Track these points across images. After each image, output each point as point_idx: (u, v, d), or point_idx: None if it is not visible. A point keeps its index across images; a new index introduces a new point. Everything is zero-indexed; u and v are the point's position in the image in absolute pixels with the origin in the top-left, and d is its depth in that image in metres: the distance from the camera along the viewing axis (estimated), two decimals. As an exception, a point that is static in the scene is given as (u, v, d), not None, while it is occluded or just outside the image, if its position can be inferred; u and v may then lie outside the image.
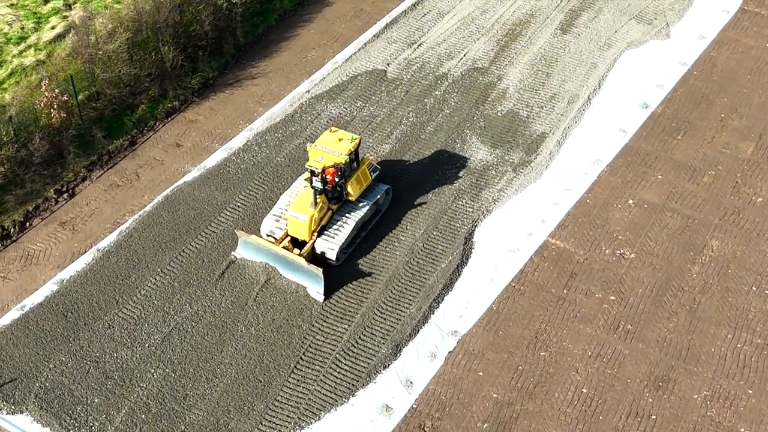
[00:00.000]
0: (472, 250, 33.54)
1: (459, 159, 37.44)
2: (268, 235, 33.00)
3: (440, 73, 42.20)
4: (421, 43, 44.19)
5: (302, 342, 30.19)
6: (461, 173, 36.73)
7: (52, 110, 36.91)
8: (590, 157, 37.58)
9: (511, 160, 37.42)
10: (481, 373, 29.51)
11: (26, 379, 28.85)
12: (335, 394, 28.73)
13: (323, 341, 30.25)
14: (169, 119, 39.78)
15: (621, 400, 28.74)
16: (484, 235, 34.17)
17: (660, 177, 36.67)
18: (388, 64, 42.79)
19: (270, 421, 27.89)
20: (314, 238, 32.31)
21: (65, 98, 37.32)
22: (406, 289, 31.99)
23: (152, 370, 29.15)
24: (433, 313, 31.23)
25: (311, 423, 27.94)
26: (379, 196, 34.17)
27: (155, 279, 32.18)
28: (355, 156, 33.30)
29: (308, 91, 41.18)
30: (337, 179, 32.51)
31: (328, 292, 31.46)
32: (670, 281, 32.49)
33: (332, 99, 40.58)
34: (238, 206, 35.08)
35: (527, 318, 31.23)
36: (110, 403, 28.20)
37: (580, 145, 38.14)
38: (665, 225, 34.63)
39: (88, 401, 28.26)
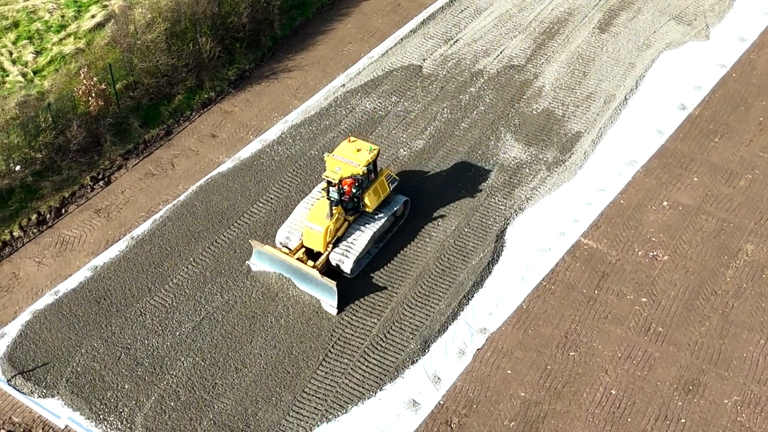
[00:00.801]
0: (504, 248, 33.43)
1: (493, 156, 37.34)
2: (282, 245, 32.53)
3: (476, 69, 42.09)
4: (457, 40, 44.10)
5: (331, 335, 30.28)
6: (494, 171, 36.62)
7: (90, 98, 37.30)
8: (625, 157, 37.31)
9: (545, 159, 37.25)
10: (509, 372, 29.43)
11: (58, 363, 29.19)
12: (363, 387, 28.79)
13: (352, 334, 30.31)
14: (205, 110, 40.04)
15: (650, 403, 28.54)
16: (516, 233, 34.06)
17: (696, 179, 36.34)
18: (423, 60, 42.75)
19: (297, 413, 28.01)
20: (329, 249, 31.61)
21: (103, 87, 37.70)
22: (436, 285, 31.97)
23: (182, 358, 29.39)
24: (462, 310, 31.18)
25: (338, 415, 28.02)
26: (396, 208, 33.36)
27: (187, 268, 32.42)
28: (373, 167, 32.54)
29: (343, 85, 41.25)
30: (354, 190, 31.80)
31: (343, 303, 30.99)
32: (703, 284, 32.19)
33: (367, 93, 40.63)
34: (272, 198, 35.24)
35: (557, 317, 31.10)
36: (140, 390, 28.47)
37: (616, 145, 37.88)
38: (700, 228, 34.31)
39: (119, 387, 28.54)
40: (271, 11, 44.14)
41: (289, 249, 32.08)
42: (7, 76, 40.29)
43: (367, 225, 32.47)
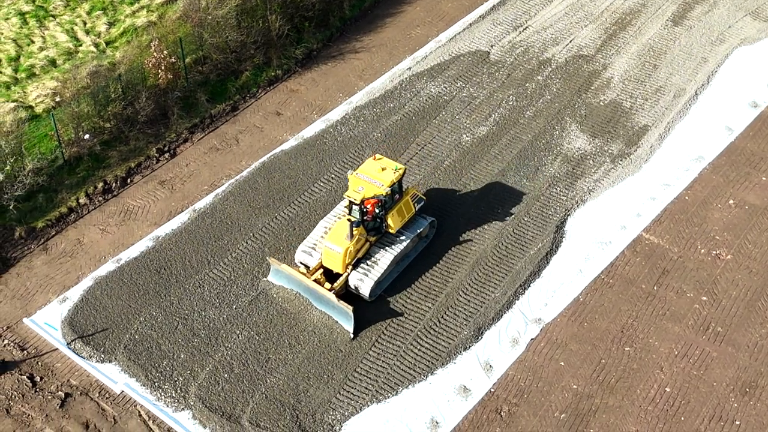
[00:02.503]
0: (563, 239, 33.14)
1: (556, 146, 36.97)
2: (301, 263, 31.22)
3: (544, 58, 41.67)
4: (527, 27, 43.69)
5: (385, 317, 30.34)
6: (558, 161, 36.27)
7: (159, 71, 37.80)
8: (693, 153, 36.66)
9: (610, 151, 36.77)
10: (562, 363, 29.22)
11: (117, 329, 29.76)
12: (414, 370, 28.83)
13: (406, 317, 30.36)
14: (272, 87, 40.31)
15: (705, 403, 28.11)
16: (577, 224, 33.73)
17: (764, 179, 35.54)
18: (491, 46, 42.45)
19: (348, 392, 28.17)
20: (348, 271, 30.34)
21: (173, 60, 38.17)
22: (492, 272, 31.83)
23: (238, 332, 29.74)
24: (518, 299, 31.01)
25: (388, 397, 28.12)
26: (421, 230, 31.81)
27: (247, 243, 32.75)
28: (398, 187, 31.14)
29: (410, 68, 41.17)
30: (377, 210, 30.48)
31: (356, 329, 29.77)
32: (766, 286, 31.51)
33: (433, 78, 40.50)
34: (332, 178, 35.39)
35: (614, 312, 30.75)
36: (195, 360, 28.90)
37: (683, 141, 37.23)
38: (766, 228, 33.56)
39: (175, 356, 29.00)
40: (341, -9, 44.27)
41: (308, 268, 30.92)
42: (80, 45, 41.05)
43: (389, 247, 31.06)
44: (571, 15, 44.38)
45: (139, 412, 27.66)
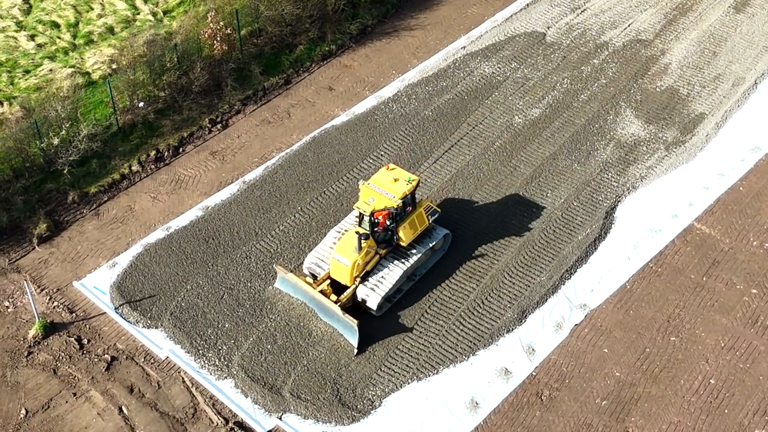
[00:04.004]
0: (612, 226, 32.80)
1: (610, 131, 36.52)
2: (310, 272, 30.46)
3: (601, 41, 41.11)
4: (585, 9, 43.11)
5: (428, 295, 30.34)
6: (610, 146, 35.84)
7: (215, 42, 38.01)
8: (749, 143, 35.97)
9: (664, 138, 36.24)
10: (606, 350, 29.00)
11: (164, 296, 30.15)
12: (456, 351, 28.81)
13: (449, 297, 30.32)
14: (325, 62, 40.33)
15: (750, 396, 27.72)
16: (627, 211, 33.34)
17: (822, 172, 34.84)
18: (548, 28, 41.98)
19: (389, 368, 28.25)
20: (356, 284, 29.44)
21: (229, 31, 38.34)
22: (539, 256, 31.63)
23: (282, 304, 29.93)
24: (563, 284, 30.79)
25: (429, 375, 28.14)
26: (433, 243, 30.71)
27: (294, 216, 32.92)
28: (411, 199, 29.89)
29: (464, 47, 40.90)
30: (388, 222, 29.53)
31: (362, 343, 28.84)
32: (819, 282, 30.99)
33: (487, 57, 40.19)
34: (382, 155, 35.36)
35: (661, 300, 30.40)
36: (239, 330, 29.18)
37: (740, 130, 36.54)
38: (822, 223, 32.95)
39: (219, 325, 29.32)
40: (399, -32, 44.03)
41: (315, 278, 30.16)
42: (138, 14, 41.44)
43: (400, 260, 30.00)
44: (630, -2, 43.78)
45: (183, 378, 28.05)
